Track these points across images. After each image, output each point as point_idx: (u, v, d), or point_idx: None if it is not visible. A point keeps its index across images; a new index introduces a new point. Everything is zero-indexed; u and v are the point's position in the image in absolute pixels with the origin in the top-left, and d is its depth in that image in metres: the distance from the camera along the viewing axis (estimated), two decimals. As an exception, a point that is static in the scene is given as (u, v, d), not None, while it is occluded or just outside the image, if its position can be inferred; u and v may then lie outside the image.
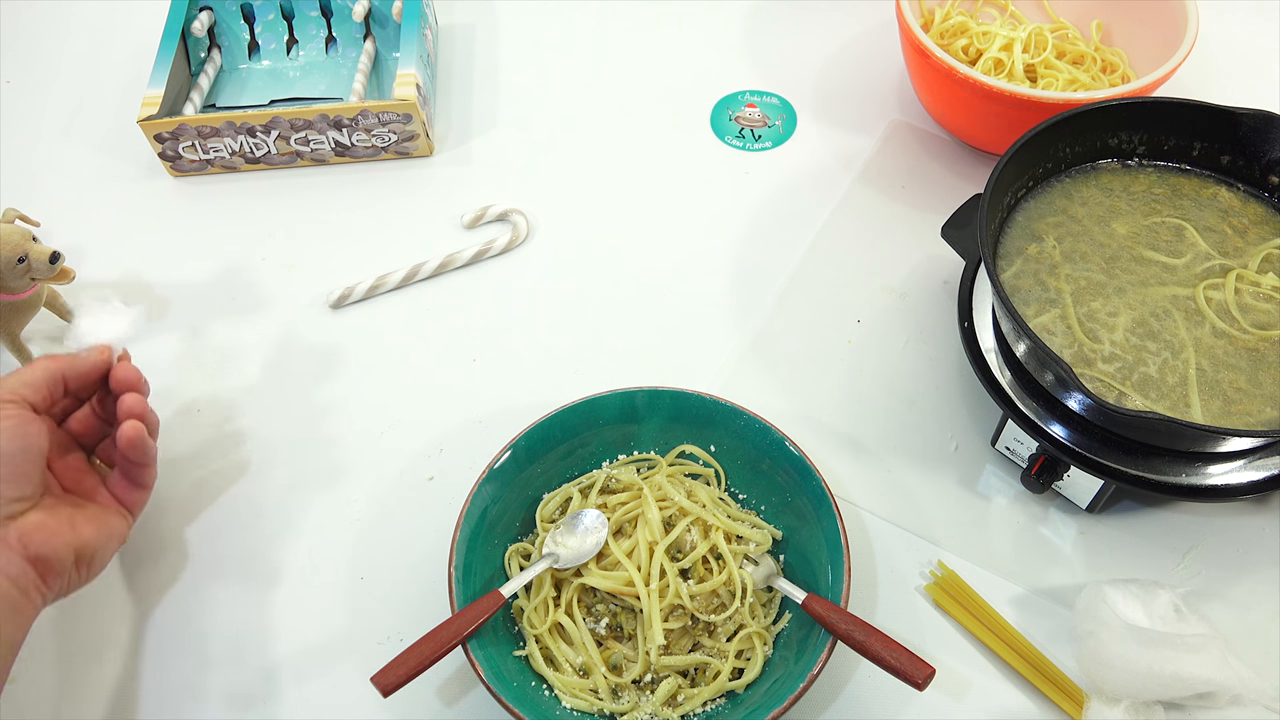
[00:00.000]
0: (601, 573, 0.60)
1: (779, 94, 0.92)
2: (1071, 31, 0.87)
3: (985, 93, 0.75)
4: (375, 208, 0.84)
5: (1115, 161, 0.71)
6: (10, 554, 0.54)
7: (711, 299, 0.78)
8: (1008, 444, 0.66)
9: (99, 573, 0.59)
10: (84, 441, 0.63)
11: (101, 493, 0.61)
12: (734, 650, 0.59)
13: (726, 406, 0.65)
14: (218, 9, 0.90)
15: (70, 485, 0.60)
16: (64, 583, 0.57)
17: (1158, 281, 0.65)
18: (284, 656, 0.62)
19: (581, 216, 0.84)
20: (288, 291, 0.79)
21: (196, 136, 0.83)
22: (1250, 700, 0.57)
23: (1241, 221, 0.68)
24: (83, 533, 0.57)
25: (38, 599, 0.55)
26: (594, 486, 0.65)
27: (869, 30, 0.96)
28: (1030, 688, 0.60)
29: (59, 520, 0.56)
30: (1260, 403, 0.59)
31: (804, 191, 0.85)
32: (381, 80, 0.91)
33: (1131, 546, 0.65)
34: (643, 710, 0.58)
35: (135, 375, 0.62)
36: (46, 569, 0.55)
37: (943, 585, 0.63)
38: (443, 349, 0.76)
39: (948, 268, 0.79)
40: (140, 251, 0.81)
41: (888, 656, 0.54)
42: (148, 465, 0.61)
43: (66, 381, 0.60)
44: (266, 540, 0.67)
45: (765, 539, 0.63)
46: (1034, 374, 0.63)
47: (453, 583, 0.58)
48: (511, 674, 0.57)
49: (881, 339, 0.76)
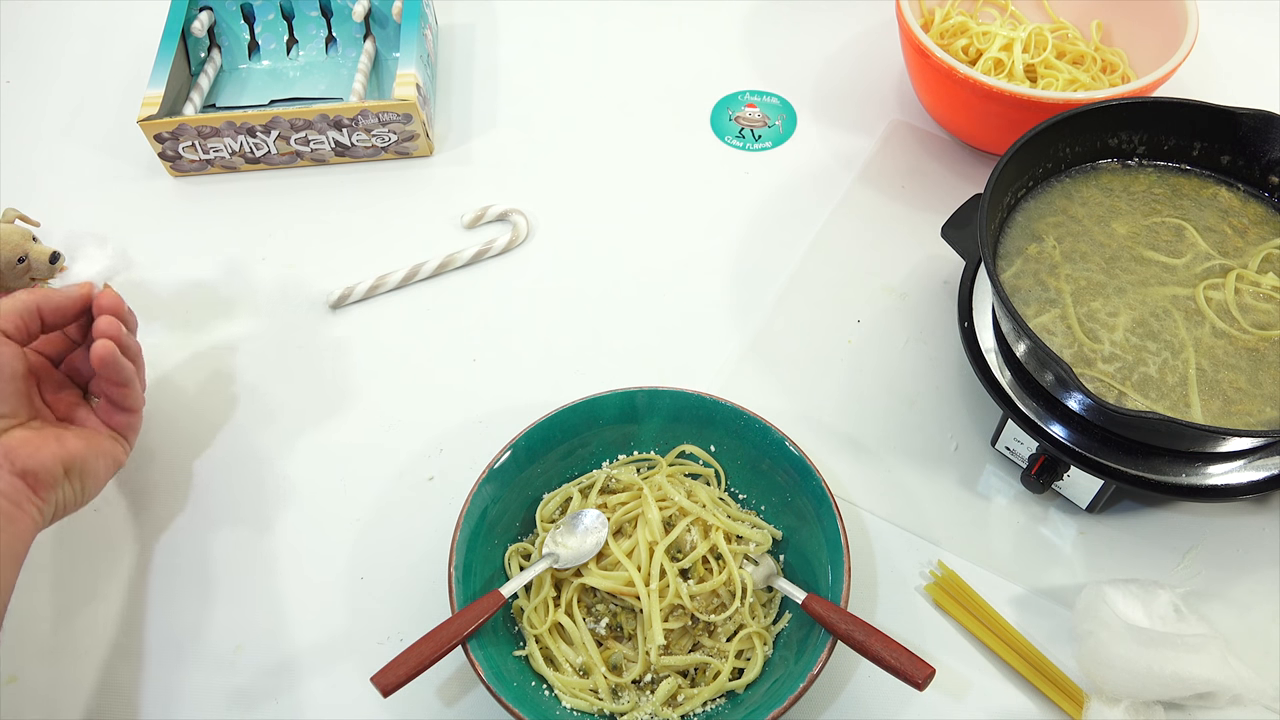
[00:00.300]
0: (601, 573, 0.60)
1: (779, 94, 0.92)
2: (1071, 31, 0.87)
3: (985, 93, 0.75)
4: (375, 208, 0.84)
5: (1115, 161, 0.71)
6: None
7: (711, 299, 0.78)
8: (1008, 444, 0.66)
9: (95, 492, 0.61)
10: (78, 380, 0.65)
11: (88, 418, 0.63)
12: (734, 650, 0.59)
13: (726, 406, 0.65)
14: (218, 9, 0.90)
15: (58, 409, 0.62)
16: (60, 496, 0.58)
17: (1158, 281, 0.65)
18: (284, 656, 0.62)
19: (581, 216, 0.84)
20: (288, 291, 0.79)
21: (196, 136, 0.83)
22: (1250, 700, 0.57)
23: (1241, 221, 0.68)
24: (69, 445, 0.59)
25: (33, 510, 0.56)
26: (594, 486, 0.65)
27: (869, 30, 0.96)
28: (1030, 688, 0.60)
29: (44, 436, 0.58)
30: (1260, 403, 0.59)
31: (804, 191, 0.85)
32: (381, 80, 0.91)
33: (1131, 546, 0.65)
34: (643, 710, 0.58)
35: (116, 301, 0.63)
36: (36, 481, 0.57)
37: (943, 585, 0.63)
38: (443, 349, 0.76)
39: (948, 268, 0.79)
40: (140, 251, 0.81)
41: (888, 656, 0.54)
42: (125, 385, 0.62)
43: (42, 313, 0.61)
44: (266, 539, 0.67)
45: (765, 539, 0.63)
46: (1034, 374, 0.63)
47: (453, 583, 0.58)
48: (511, 674, 0.57)
49: (881, 339, 0.76)
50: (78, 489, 0.60)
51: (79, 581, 0.65)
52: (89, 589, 0.65)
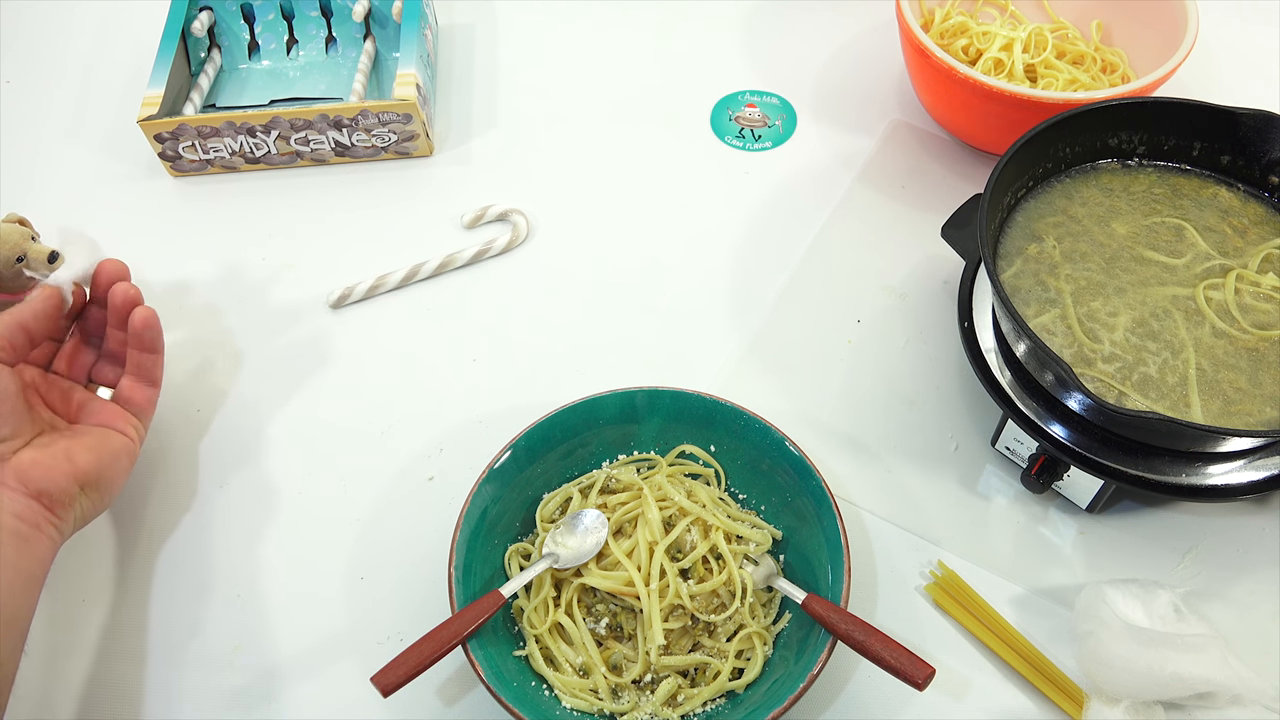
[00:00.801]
0: (601, 573, 0.60)
1: (779, 94, 0.92)
2: (1071, 31, 0.87)
3: (985, 93, 0.74)
4: (375, 208, 0.84)
5: (1115, 161, 0.71)
6: (11, 494, 0.56)
7: (712, 299, 0.78)
8: (1008, 444, 0.66)
9: (115, 494, 0.62)
10: (75, 375, 0.65)
11: (99, 411, 0.63)
12: (734, 650, 0.59)
13: (726, 406, 0.65)
14: (218, 9, 0.90)
15: (65, 411, 0.63)
16: (78, 511, 0.59)
17: (1158, 281, 0.65)
18: (284, 656, 0.62)
19: (581, 216, 0.84)
20: (288, 291, 0.79)
21: (196, 136, 0.83)
22: (1250, 700, 0.57)
23: (1241, 221, 0.68)
24: (80, 462, 0.59)
25: (51, 530, 0.57)
26: (594, 486, 0.65)
27: (869, 30, 0.96)
28: (1030, 688, 0.60)
29: (54, 455, 0.58)
30: (1260, 403, 0.59)
31: (804, 192, 0.85)
32: (381, 80, 0.91)
33: (1131, 546, 0.65)
34: (643, 710, 0.58)
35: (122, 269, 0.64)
36: (52, 501, 0.57)
37: (943, 585, 0.63)
38: (443, 349, 0.76)
39: (948, 268, 0.79)
40: (140, 251, 0.81)
41: (888, 656, 0.54)
42: (159, 352, 0.64)
43: (27, 328, 0.61)
44: (266, 539, 0.67)
45: (765, 539, 0.63)
46: (1034, 374, 0.63)
47: (453, 583, 0.58)
48: (511, 674, 0.57)
49: (881, 339, 0.76)
50: (95, 499, 0.60)
51: (78, 581, 0.65)
52: (88, 588, 0.65)
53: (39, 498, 0.56)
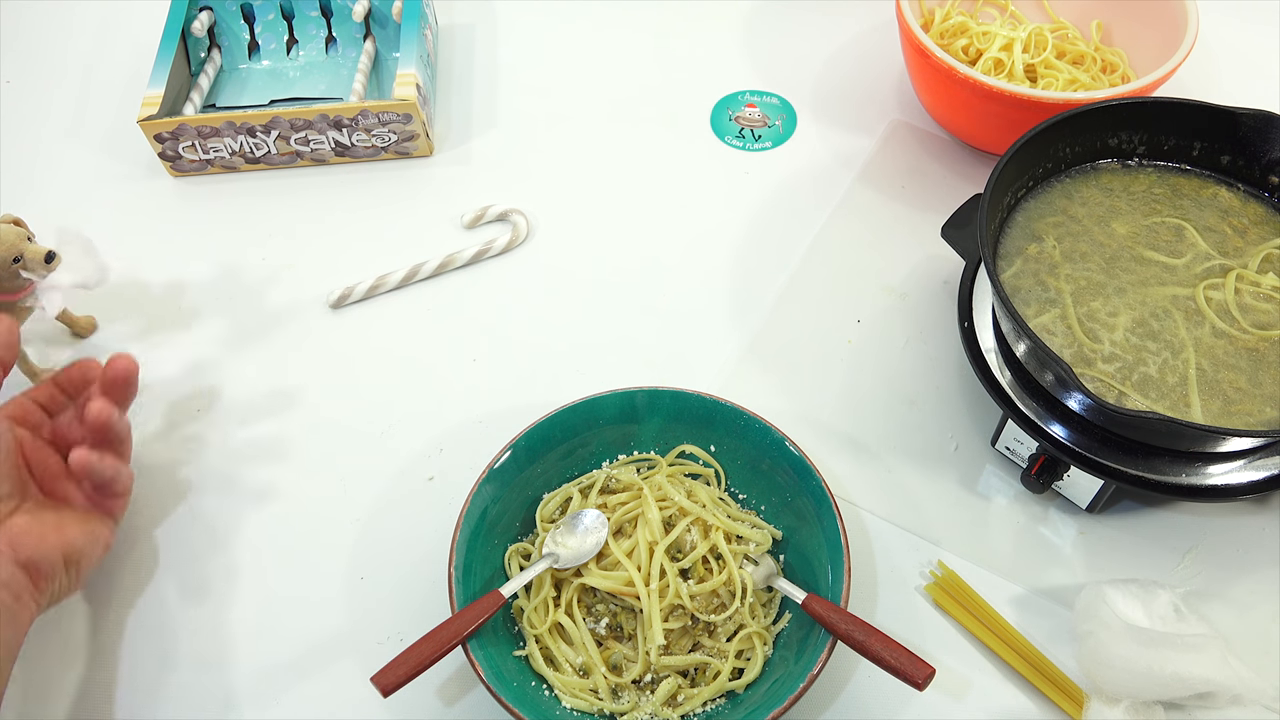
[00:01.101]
0: (601, 573, 0.60)
1: (779, 94, 0.92)
2: (1071, 31, 0.87)
3: (985, 93, 0.74)
4: (375, 208, 0.84)
5: (1115, 161, 0.71)
6: (1, 559, 0.53)
7: (711, 299, 0.78)
8: (1008, 444, 0.66)
9: (87, 578, 0.59)
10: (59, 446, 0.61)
11: (80, 498, 0.60)
12: (734, 650, 0.59)
13: (726, 406, 0.65)
14: (218, 9, 0.90)
15: (49, 490, 0.60)
16: (55, 587, 0.56)
17: (1158, 281, 0.65)
18: (284, 656, 0.62)
19: (581, 216, 0.84)
20: (288, 291, 0.79)
21: (196, 136, 0.83)
22: (1250, 700, 0.57)
23: (1241, 221, 0.68)
24: (69, 535, 0.57)
25: (31, 604, 0.54)
26: (594, 486, 0.65)
27: (869, 30, 0.96)
28: (1030, 688, 0.60)
29: (45, 524, 0.56)
30: (1260, 403, 0.59)
31: (804, 192, 0.85)
32: (381, 80, 0.91)
33: (1131, 546, 0.65)
34: (643, 710, 0.58)
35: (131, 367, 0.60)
36: (37, 573, 0.55)
37: (943, 585, 0.63)
38: (443, 349, 0.76)
39: (948, 268, 0.79)
40: (140, 251, 0.81)
41: (888, 656, 0.54)
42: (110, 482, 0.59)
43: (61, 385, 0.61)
44: (266, 539, 0.67)
45: (765, 539, 0.63)
46: (1034, 374, 0.63)
47: (453, 583, 0.58)
48: (511, 674, 0.57)
49: (881, 339, 0.76)
50: (72, 577, 0.57)
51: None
52: (86, 588, 0.65)
53: (26, 567, 0.54)
